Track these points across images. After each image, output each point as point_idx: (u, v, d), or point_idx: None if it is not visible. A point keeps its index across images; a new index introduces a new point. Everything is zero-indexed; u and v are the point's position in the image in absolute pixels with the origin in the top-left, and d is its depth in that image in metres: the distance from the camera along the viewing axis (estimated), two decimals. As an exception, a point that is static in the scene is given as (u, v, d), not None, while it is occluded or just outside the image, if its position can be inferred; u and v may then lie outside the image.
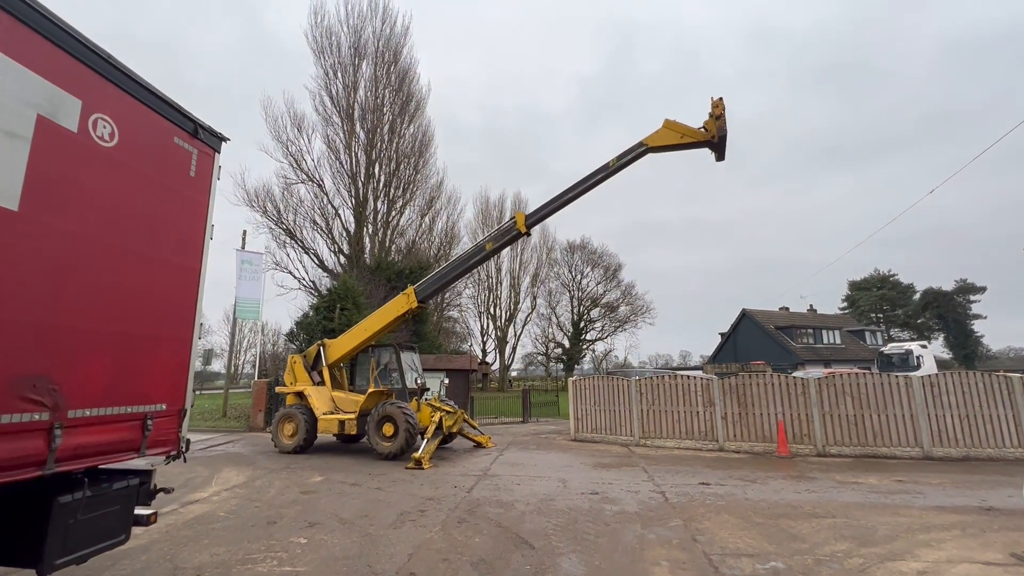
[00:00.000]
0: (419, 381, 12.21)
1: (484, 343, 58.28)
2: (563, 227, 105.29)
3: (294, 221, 27.84)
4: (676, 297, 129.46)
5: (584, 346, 56.55)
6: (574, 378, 14.27)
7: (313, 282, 27.86)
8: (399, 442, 10.46)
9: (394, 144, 31.15)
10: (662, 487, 7.96)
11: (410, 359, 12.95)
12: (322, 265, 28.59)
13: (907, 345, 26.06)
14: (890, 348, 26.49)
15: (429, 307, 12.06)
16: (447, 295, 52.34)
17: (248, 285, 17.79)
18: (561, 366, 57.42)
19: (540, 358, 61.55)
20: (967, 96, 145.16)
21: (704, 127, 10.62)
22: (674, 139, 10.68)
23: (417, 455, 9.77)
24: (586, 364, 62.27)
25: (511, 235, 11.35)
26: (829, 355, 38.32)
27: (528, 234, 11.25)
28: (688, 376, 12.39)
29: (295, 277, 27.98)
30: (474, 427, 12.78)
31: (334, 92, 29.32)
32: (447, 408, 11.57)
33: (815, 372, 22.95)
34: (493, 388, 48.66)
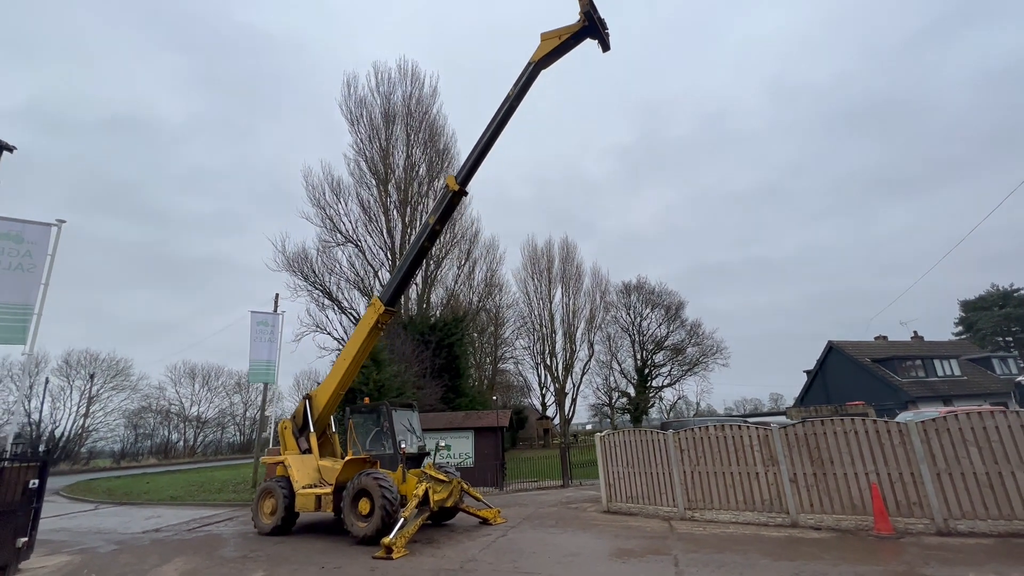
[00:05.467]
0: (408, 446, 10.49)
1: (543, 396, 55.43)
2: (616, 271, 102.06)
3: (330, 281, 28.18)
4: (752, 338, 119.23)
5: (651, 393, 51.95)
6: (602, 434, 11.89)
7: (351, 341, 27.56)
8: (374, 522, 8.70)
9: (428, 198, 31.37)
10: (687, 595, 5.53)
11: (406, 419, 11.33)
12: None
13: None
14: None
15: (398, 310, 11.49)
16: (500, 350, 51.09)
17: (261, 347, 17.40)
18: (628, 417, 52.89)
19: (606, 409, 57.27)
20: (1015, 116, 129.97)
21: (579, 15, 10.72)
22: (553, 44, 10.91)
23: (387, 540, 7.94)
24: (655, 413, 57.16)
25: (448, 199, 10.91)
26: (948, 389, 31.83)
27: (465, 192, 10.95)
28: (739, 426, 9.70)
29: (334, 338, 27.94)
30: (477, 498, 10.71)
31: (368, 156, 30.37)
32: (440, 477, 9.71)
33: (930, 412, 18.42)
34: (555, 445, 45.34)
